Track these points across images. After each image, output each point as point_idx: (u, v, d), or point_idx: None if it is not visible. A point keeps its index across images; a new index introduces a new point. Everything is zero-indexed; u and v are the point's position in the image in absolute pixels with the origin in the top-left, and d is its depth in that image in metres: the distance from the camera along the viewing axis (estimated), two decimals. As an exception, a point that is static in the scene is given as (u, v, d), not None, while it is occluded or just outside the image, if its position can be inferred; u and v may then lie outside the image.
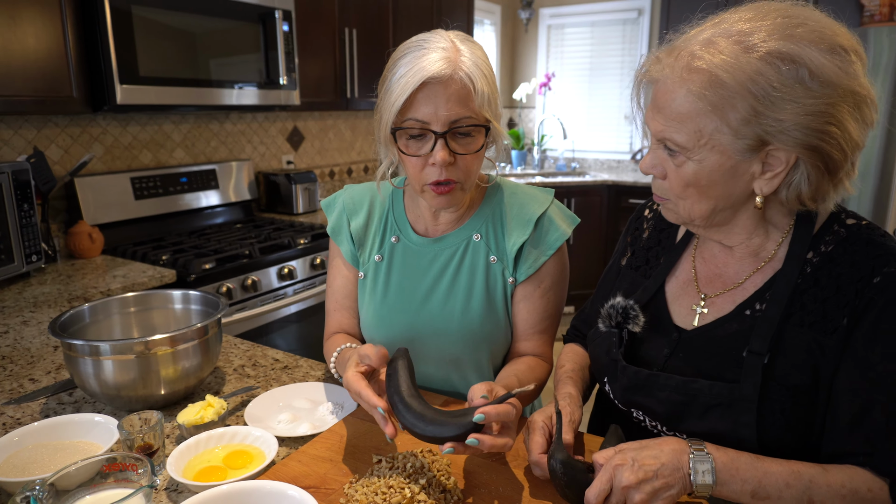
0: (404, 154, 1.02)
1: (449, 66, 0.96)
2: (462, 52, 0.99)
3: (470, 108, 0.98)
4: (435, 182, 1.02)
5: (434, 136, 0.99)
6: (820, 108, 0.73)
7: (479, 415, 0.77)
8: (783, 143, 0.76)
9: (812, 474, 0.75)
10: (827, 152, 0.75)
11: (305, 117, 3.33)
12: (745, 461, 0.76)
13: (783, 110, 0.73)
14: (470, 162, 1.03)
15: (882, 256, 0.80)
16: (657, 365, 0.92)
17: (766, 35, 0.75)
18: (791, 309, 0.83)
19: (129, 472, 0.80)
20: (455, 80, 0.97)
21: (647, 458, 0.75)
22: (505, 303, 1.13)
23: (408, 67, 0.97)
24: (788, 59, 0.73)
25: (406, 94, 0.96)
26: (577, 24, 4.93)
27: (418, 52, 0.98)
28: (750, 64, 0.74)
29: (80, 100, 1.98)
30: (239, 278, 2.19)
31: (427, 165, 1.01)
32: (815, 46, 0.73)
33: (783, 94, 0.73)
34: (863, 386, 0.77)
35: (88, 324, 1.18)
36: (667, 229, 1.04)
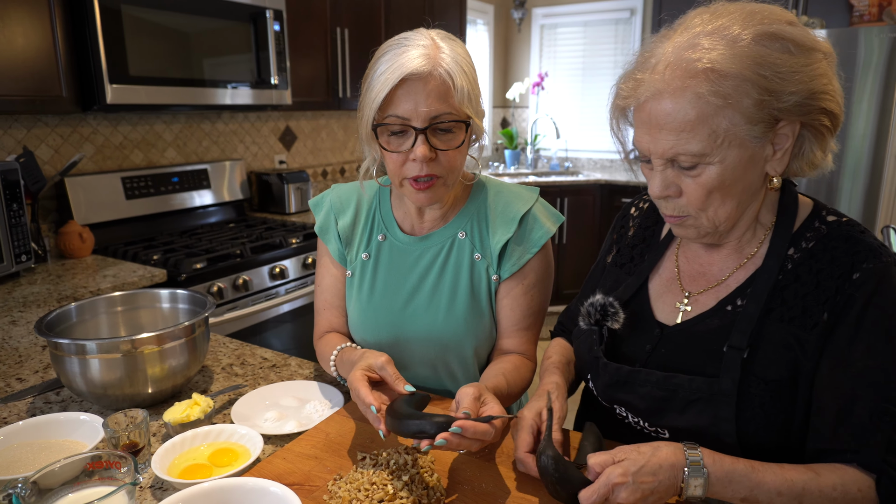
0: (385, 150, 1.04)
1: (428, 63, 0.98)
2: (442, 49, 1.00)
3: (450, 103, 1.00)
4: (414, 177, 1.03)
5: (414, 132, 1.00)
6: (818, 71, 0.77)
7: (455, 427, 0.78)
8: (793, 116, 0.78)
9: (804, 481, 0.75)
10: (830, 110, 0.79)
11: (298, 117, 3.33)
12: (740, 472, 0.76)
13: (793, 83, 0.75)
14: (452, 157, 1.04)
15: (861, 252, 0.81)
16: (639, 361, 0.93)
17: (741, 26, 0.77)
18: (772, 304, 0.84)
19: (113, 470, 0.80)
20: (434, 76, 0.98)
21: (646, 476, 0.74)
22: (489, 300, 1.13)
23: (388, 64, 0.98)
24: (773, 37, 0.76)
25: (386, 91, 0.97)
26: (569, 23, 4.94)
27: (399, 50, 0.99)
28: (746, 49, 0.75)
29: (69, 99, 1.98)
30: (230, 278, 2.19)
31: (408, 161, 1.02)
32: (781, 23, 0.77)
33: (788, 67, 0.75)
34: (846, 383, 0.78)
35: (75, 323, 1.18)
36: (651, 227, 1.05)
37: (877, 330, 0.78)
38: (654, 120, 0.79)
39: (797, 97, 0.76)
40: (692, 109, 0.76)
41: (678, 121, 0.77)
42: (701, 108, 0.76)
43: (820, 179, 3.86)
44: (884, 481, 0.75)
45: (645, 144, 0.82)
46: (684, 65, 0.76)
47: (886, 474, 0.75)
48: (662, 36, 0.83)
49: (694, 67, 0.76)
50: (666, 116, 0.78)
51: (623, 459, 0.76)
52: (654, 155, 0.82)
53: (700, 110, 0.76)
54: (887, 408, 0.76)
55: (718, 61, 0.75)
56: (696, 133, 0.77)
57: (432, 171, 1.02)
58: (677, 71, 0.77)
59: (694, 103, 0.76)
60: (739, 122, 0.76)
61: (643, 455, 0.76)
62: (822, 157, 0.83)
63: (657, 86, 0.78)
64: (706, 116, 0.76)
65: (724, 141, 0.77)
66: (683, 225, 0.87)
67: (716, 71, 0.75)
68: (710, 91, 0.75)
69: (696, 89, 0.75)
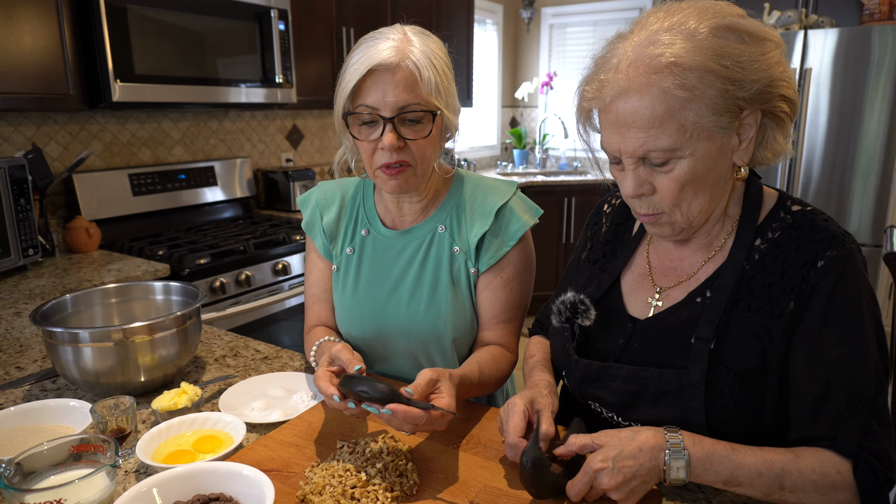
0: (357, 140, 1.07)
1: (396, 55, 1.01)
2: (412, 43, 1.04)
3: (417, 94, 1.03)
4: (385, 165, 1.05)
5: (382, 122, 1.03)
6: (774, 59, 0.78)
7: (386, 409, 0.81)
8: (755, 105, 0.79)
9: (784, 462, 0.77)
10: (788, 97, 0.80)
11: (305, 115, 3.37)
12: (720, 454, 0.77)
13: (753, 71, 0.77)
14: (421, 147, 1.06)
15: (824, 241, 0.81)
16: (613, 356, 0.94)
17: (696, 20, 0.78)
18: (739, 295, 0.85)
19: (98, 454, 0.83)
20: (402, 67, 1.01)
21: (626, 459, 0.76)
22: (469, 293, 1.15)
23: (359, 56, 1.03)
24: (728, 29, 0.78)
25: (355, 81, 1.01)
26: (578, 23, 4.93)
27: (370, 43, 1.03)
28: (706, 42, 0.76)
29: (77, 97, 2.02)
30: (233, 273, 2.22)
31: (378, 150, 1.05)
32: (733, 16, 0.79)
33: (747, 57, 0.76)
34: (819, 371, 0.79)
35: (70, 313, 1.21)
36: (623, 223, 1.06)
37: (845, 317, 0.79)
38: (622, 119, 0.80)
39: (758, 85, 0.77)
40: (659, 105, 0.77)
41: (646, 117, 0.78)
42: (668, 102, 0.76)
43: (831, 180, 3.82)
44: (861, 466, 0.76)
45: (615, 145, 0.83)
46: (647, 61, 0.77)
47: (863, 459, 0.76)
48: (619, 37, 0.84)
49: (657, 63, 0.76)
50: (633, 114, 0.78)
51: (603, 445, 0.78)
52: (625, 154, 0.82)
53: (667, 105, 0.76)
54: (861, 392, 0.77)
55: (681, 55, 0.76)
56: (664, 128, 0.77)
57: (402, 158, 1.05)
58: (640, 68, 0.77)
59: (661, 98, 0.76)
60: (706, 113, 0.77)
61: (622, 440, 0.78)
62: (784, 144, 0.84)
63: (622, 84, 0.78)
64: (674, 111, 0.77)
65: (693, 134, 0.78)
66: (658, 223, 0.88)
67: (679, 64, 0.76)
68: (675, 84, 0.75)
69: (661, 84, 0.76)
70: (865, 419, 0.76)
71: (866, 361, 0.78)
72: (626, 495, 0.76)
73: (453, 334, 1.14)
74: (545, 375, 1.00)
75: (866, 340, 0.79)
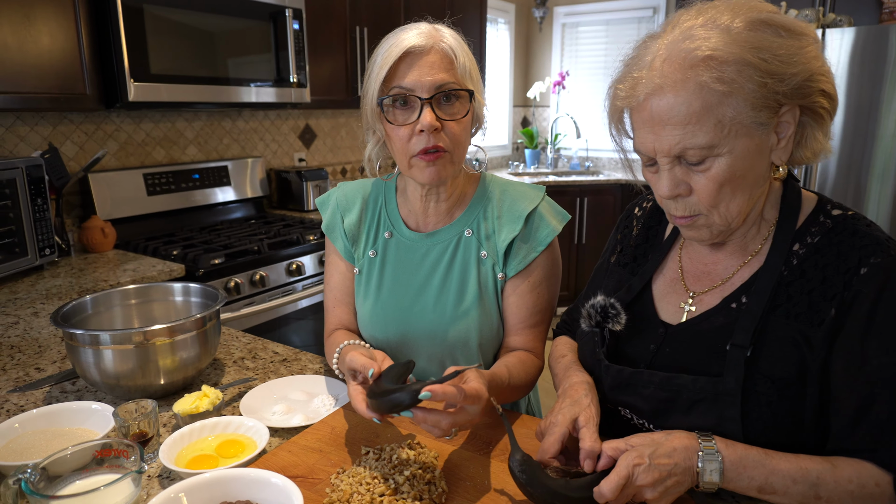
0: (391, 125, 1.05)
1: (429, 40, 1.03)
2: (442, 31, 1.05)
3: (453, 74, 1.03)
4: (423, 150, 1.03)
5: (419, 102, 1.02)
6: (812, 53, 0.76)
7: (425, 392, 0.78)
8: (794, 100, 0.77)
9: (820, 470, 0.75)
10: (828, 92, 0.78)
11: (318, 115, 3.36)
12: (754, 458, 0.76)
13: (792, 64, 0.75)
14: (457, 130, 1.05)
15: (868, 247, 0.79)
16: (644, 361, 0.92)
17: (730, 15, 0.76)
18: (777, 301, 0.82)
19: (121, 458, 0.82)
20: (436, 49, 1.03)
21: (661, 457, 0.75)
22: (496, 298, 1.13)
23: (390, 43, 1.03)
24: (764, 24, 0.76)
25: (389, 64, 1.01)
26: (591, 22, 4.90)
27: (399, 32, 1.05)
28: (742, 35, 0.74)
29: (93, 97, 2.02)
30: (247, 273, 2.22)
31: (414, 135, 1.04)
32: (767, 11, 0.77)
33: (786, 50, 0.75)
34: (862, 381, 0.77)
35: (90, 315, 1.21)
36: (655, 227, 1.03)
37: (889, 326, 0.76)
38: (657, 117, 0.78)
39: (798, 78, 0.75)
40: (696, 100, 0.75)
41: (682, 114, 0.76)
42: (705, 97, 0.74)
43: (847, 181, 3.77)
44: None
45: (649, 144, 0.80)
46: (683, 55, 0.75)
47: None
48: (650, 37, 0.82)
49: (693, 57, 0.75)
50: (669, 111, 0.76)
51: (637, 445, 0.77)
52: (660, 154, 0.80)
53: (704, 100, 0.74)
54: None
55: (718, 48, 0.74)
56: (702, 124, 0.75)
57: (438, 143, 1.04)
58: (675, 63, 0.76)
59: (697, 93, 0.75)
60: (744, 109, 0.75)
61: (656, 440, 0.77)
62: (823, 142, 0.82)
63: (656, 81, 0.77)
64: (711, 106, 0.75)
65: (731, 130, 0.76)
66: (695, 225, 0.85)
67: (716, 58, 0.74)
68: (712, 78, 0.74)
69: (697, 79, 0.74)
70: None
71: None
72: (661, 495, 0.75)
73: (479, 339, 1.12)
74: (583, 375, 0.95)
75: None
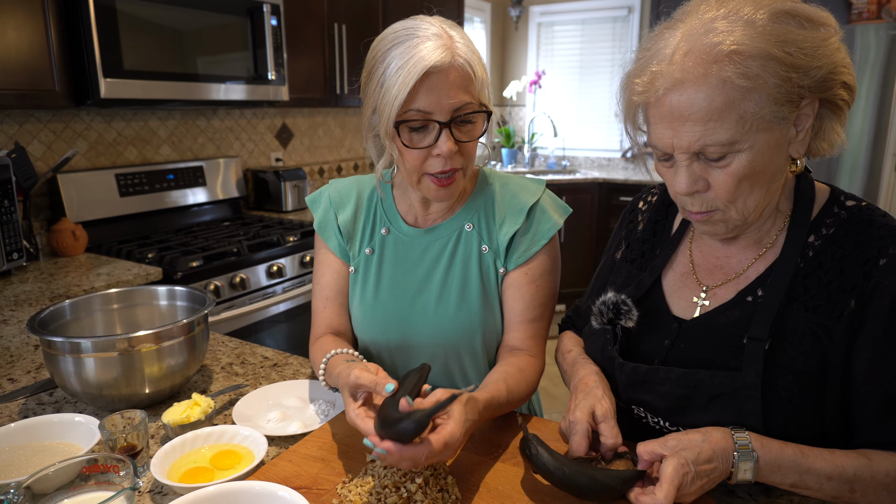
0: (406, 147, 0.99)
1: (448, 54, 0.94)
2: (455, 39, 0.97)
3: (471, 93, 0.97)
4: (439, 172, 0.99)
5: (438, 126, 0.97)
6: (835, 44, 0.75)
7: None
8: (815, 93, 0.75)
9: (857, 467, 0.74)
10: (848, 84, 0.77)
11: (294, 114, 3.29)
12: (789, 458, 0.75)
13: (817, 57, 0.73)
14: (471, 148, 1.02)
15: (886, 237, 0.78)
16: (658, 358, 0.90)
17: (753, 7, 0.74)
18: (794, 293, 0.81)
19: (110, 473, 0.77)
20: (455, 66, 0.95)
21: (704, 463, 0.74)
22: (497, 293, 1.11)
23: (405, 58, 0.93)
24: (786, 14, 0.74)
25: (409, 86, 0.93)
26: (567, 21, 4.91)
27: (412, 42, 0.94)
28: (767, 27, 0.72)
29: (62, 94, 1.93)
30: (227, 276, 2.15)
31: (430, 157, 0.99)
32: (789, 1, 0.75)
33: (810, 43, 0.73)
34: (887, 374, 0.76)
35: (69, 321, 1.14)
36: (662, 221, 1.02)
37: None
38: (677, 112, 0.75)
39: (822, 72, 0.74)
40: (719, 96, 0.72)
41: (704, 109, 0.73)
42: (728, 93, 0.72)
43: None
44: None
45: (667, 140, 0.78)
46: (706, 49, 0.73)
47: None
48: (666, 27, 0.79)
49: (717, 51, 0.72)
50: (690, 106, 0.74)
51: (675, 448, 0.75)
52: (679, 150, 0.77)
53: (727, 96, 0.72)
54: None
55: (743, 42, 0.72)
56: (723, 121, 0.73)
57: (454, 165, 0.99)
58: (698, 57, 0.73)
59: (720, 89, 0.72)
60: (766, 103, 0.73)
61: (694, 443, 0.75)
62: (840, 134, 0.81)
63: (676, 76, 0.74)
64: (734, 101, 0.72)
65: (752, 126, 0.74)
66: (711, 220, 0.83)
67: (740, 52, 0.71)
68: (736, 74, 0.71)
69: (720, 74, 0.72)
70: None
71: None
72: (694, 496, 0.74)
73: (484, 335, 1.09)
74: (590, 367, 0.94)
75: None
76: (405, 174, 1.04)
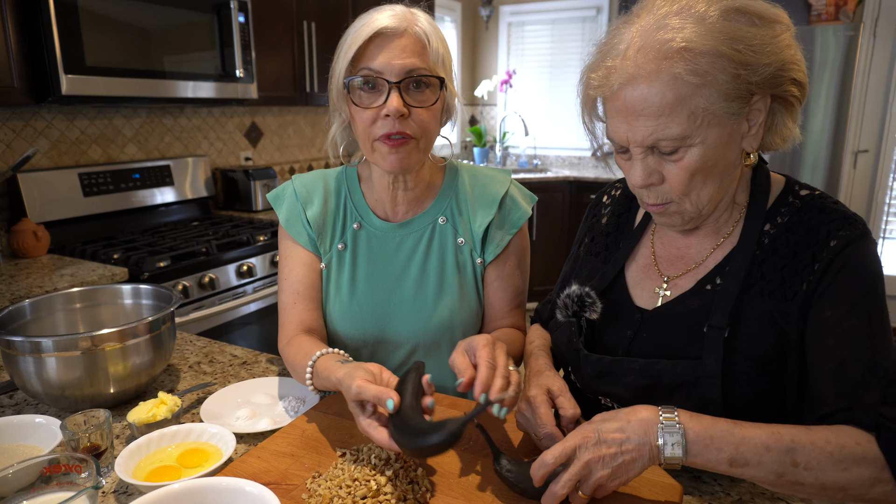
0: (356, 106, 1.00)
1: (403, 22, 0.99)
2: (417, 15, 1.02)
3: (424, 59, 1.00)
4: (387, 135, 0.99)
5: (387, 86, 0.98)
6: (785, 41, 0.77)
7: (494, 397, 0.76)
8: (766, 89, 0.77)
9: (793, 434, 0.71)
10: (799, 80, 0.79)
11: (264, 112, 3.25)
12: (721, 429, 0.71)
13: (766, 54, 0.75)
14: (426, 118, 1.01)
15: (836, 221, 0.81)
16: (622, 349, 0.91)
17: (705, 3, 0.76)
18: (751, 280, 0.83)
19: (72, 474, 0.75)
20: (410, 33, 0.99)
21: (612, 431, 0.70)
22: (475, 283, 1.12)
23: (362, 22, 0.99)
24: (739, 12, 0.76)
25: (359, 43, 0.97)
26: (537, 21, 4.95)
27: (372, 12, 1.01)
28: (717, 25, 0.74)
29: (21, 90, 1.88)
30: (196, 276, 2.12)
31: (379, 118, 0.99)
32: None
33: (759, 40, 0.75)
34: (833, 345, 0.77)
35: (29, 321, 1.11)
36: (625, 214, 1.03)
37: (857, 290, 0.77)
38: (631, 107, 0.77)
39: (771, 69, 0.76)
40: (670, 91, 0.74)
41: (656, 105, 0.75)
42: (679, 89, 0.74)
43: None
44: (884, 435, 0.72)
45: (622, 134, 0.80)
46: (657, 46, 0.74)
47: (885, 428, 0.72)
48: (624, 22, 0.81)
49: (668, 48, 0.74)
50: (643, 102, 0.76)
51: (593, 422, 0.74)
52: (633, 143, 0.79)
53: (678, 92, 0.74)
54: (876, 362, 0.75)
55: (692, 39, 0.73)
56: (675, 116, 0.75)
57: (404, 129, 0.99)
58: (650, 53, 0.75)
59: (671, 85, 0.74)
60: (717, 100, 0.75)
61: (610, 413, 0.74)
62: (792, 128, 0.83)
63: (630, 71, 0.76)
64: (685, 97, 0.74)
65: (704, 121, 0.76)
66: (666, 212, 0.85)
67: (690, 49, 0.73)
68: (687, 70, 0.73)
69: (672, 70, 0.74)
70: (883, 389, 0.74)
71: (881, 332, 0.76)
72: (613, 472, 0.70)
73: (463, 326, 1.10)
74: (542, 359, 0.96)
75: (880, 312, 0.77)
76: (360, 144, 1.05)
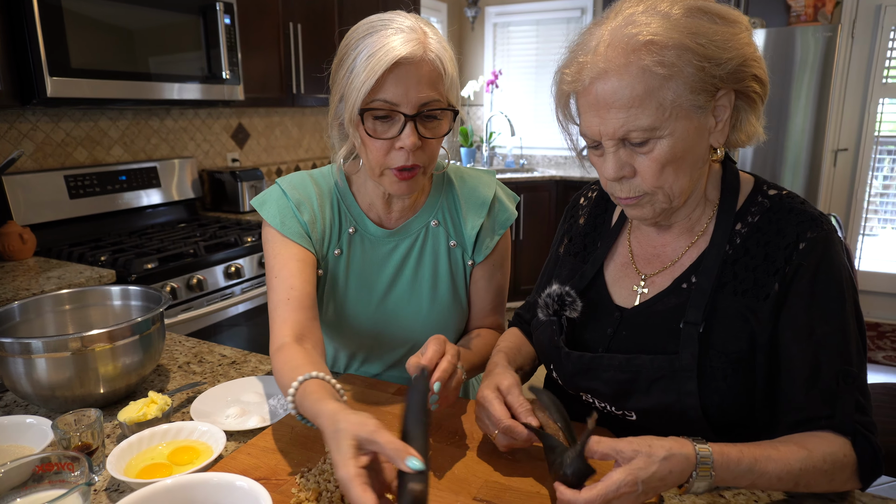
0: (370, 137, 0.98)
1: (420, 47, 0.94)
2: (429, 35, 0.97)
3: (439, 91, 0.97)
4: (400, 167, 0.98)
5: (403, 119, 0.96)
6: (745, 39, 0.80)
7: None
8: (729, 84, 0.81)
9: (801, 464, 0.76)
10: (760, 77, 0.83)
11: (251, 114, 3.25)
12: (745, 468, 0.75)
13: (727, 49, 0.78)
14: (435, 146, 1.01)
15: (804, 223, 0.84)
16: (602, 346, 0.94)
17: (669, 3, 0.80)
18: (724, 279, 0.87)
19: (64, 472, 0.76)
20: (426, 61, 0.94)
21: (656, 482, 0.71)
22: (465, 285, 1.15)
23: (376, 47, 0.93)
24: (700, 11, 0.80)
25: (378, 74, 0.92)
26: (522, 22, 4.99)
27: (385, 32, 0.94)
28: (681, 21, 0.78)
29: (6, 93, 1.87)
30: (183, 277, 2.12)
31: (393, 149, 0.98)
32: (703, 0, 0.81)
33: (721, 36, 0.78)
34: (809, 351, 0.81)
35: (19, 323, 1.12)
36: (602, 214, 1.06)
37: (828, 296, 0.81)
38: (602, 100, 0.80)
39: (733, 63, 0.79)
40: (639, 84, 0.78)
41: (626, 97, 0.78)
42: (647, 81, 0.77)
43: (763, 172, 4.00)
44: (859, 441, 0.78)
45: (595, 127, 0.83)
46: (625, 40, 0.78)
47: (860, 433, 0.78)
48: (595, 23, 0.85)
49: (635, 41, 0.78)
50: (613, 94, 0.79)
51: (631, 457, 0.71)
52: (605, 136, 0.82)
53: (646, 84, 0.78)
54: (848, 370, 0.79)
55: (658, 32, 0.77)
56: (644, 108, 0.78)
57: (417, 162, 0.98)
58: (619, 48, 0.78)
59: (640, 77, 0.77)
60: (683, 92, 0.78)
61: (651, 459, 0.71)
62: (756, 126, 0.87)
63: (601, 66, 0.79)
64: (653, 89, 0.78)
65: (672, 113, 0.79)
66: (639, 205, 0.88)
67: (656, 42, 0.77)
68: (654, 62, 0.77)
69: (640, 63, 0.77)
70: (854, 395, 0.79)
71: (849, 339, 0.81)
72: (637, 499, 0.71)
73: (455, 328, 1.13)
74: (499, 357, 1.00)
75: (847, 318, 0.81)
76: (367, 167, 1.03)
